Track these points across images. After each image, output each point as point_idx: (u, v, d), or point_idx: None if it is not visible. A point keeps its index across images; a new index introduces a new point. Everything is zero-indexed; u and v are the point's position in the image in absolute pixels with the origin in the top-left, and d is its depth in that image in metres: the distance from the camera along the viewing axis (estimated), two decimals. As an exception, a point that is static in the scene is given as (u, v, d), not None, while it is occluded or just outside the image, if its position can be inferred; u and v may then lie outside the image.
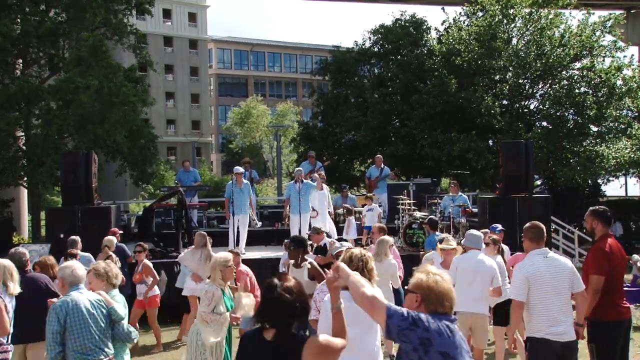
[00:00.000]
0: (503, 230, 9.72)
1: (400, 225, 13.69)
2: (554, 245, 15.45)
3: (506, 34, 22.74)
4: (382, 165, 16.34)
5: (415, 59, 24.89)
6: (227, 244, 12.16)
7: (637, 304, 10.82)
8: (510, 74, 22.39)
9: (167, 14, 55.90)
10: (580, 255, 17.35)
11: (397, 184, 18.05)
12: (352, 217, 13.59)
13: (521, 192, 12.92)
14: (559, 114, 21.92)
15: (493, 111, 21.10)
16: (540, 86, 23.24)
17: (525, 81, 22.96)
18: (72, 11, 20.29)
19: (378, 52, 27.00)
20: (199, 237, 9.57)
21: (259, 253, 12.93)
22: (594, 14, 23.34)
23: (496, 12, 22.32)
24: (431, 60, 23.30)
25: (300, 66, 69.02)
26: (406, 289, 3.31)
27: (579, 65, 22.47)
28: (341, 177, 24.79)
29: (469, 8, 24.20)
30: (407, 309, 3.18)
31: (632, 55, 23.91)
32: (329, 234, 11.28)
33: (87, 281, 5.16)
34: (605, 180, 24.44)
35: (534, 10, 22.58)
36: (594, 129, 21.90)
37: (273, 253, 12.48)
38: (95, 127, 18.56)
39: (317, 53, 58.08)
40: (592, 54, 22.10)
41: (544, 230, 5.55)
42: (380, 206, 14.31)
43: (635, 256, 13.08)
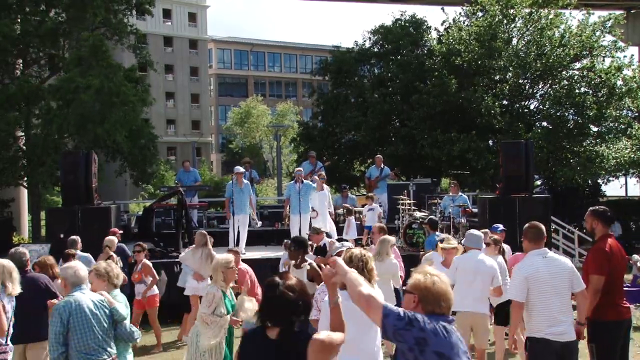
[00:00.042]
0: (504, 230, 9.75)
1: (400, 225, 13.70)
2: (554, 245, 15.44)
3: (506, 34, 22.73)
4: (382, 165, 16.34)
5: (415, 59, 24.89)
6: (227, 243, 12.16)
7: (637, 304, 10.81)
8: (510, 74, 22.38)
9: (167, 14, 55.90)
10: (580, 255, 17.34)
11: (397, 184, 18.05)
12: (352, 217, 13.60)
13: (521, 192, 12.92)
14: (559, 114, 21.91)
15: (493, 111, 21.09)
16: (540, 86, 23.23)
17: (525, 81, 22.95)
18: (72, 11, 20.30)
19: (378, 52, 27.01)
20: (200, 236, 9.61)
21: (259, 253, 12.94)
22: (593, 14, 23.36)
23: (496, 12, 22.32)
24: (431, 60, 23.30)
25: (300, 66, 69.02)
26: (404, 289, 3.32)
27: (579, 65, 22.47)
28: (341, 177, 24.78)
29: (468, 8, 24.20)
30: (405, 309, 3.19)
31: (632, 55, 23.91)
32: (329, 234, 11.28)
33: (89, 281, 5.17)
34: (605, 180, 24.42)
35: (534, 11, 22.57)
36: (594, 129, 21.89)
37: (273, 253, 12.50)
38: (96, 127, 18.57)
39: (317, 53, 58.10)
40: (592, 54, 22.09)
41: (543, 231, 5.54)
42: (380, 206, 14.31)
43: (635, 256, 13.08)
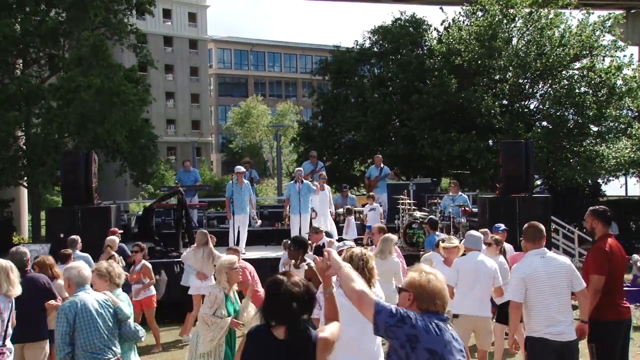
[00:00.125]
0: (506, 229, 9.71)
1: (400, 225, 13.70)
2: (554, 245, 15.43)
3: (506, 34, 22.72)
4: (382, 165, 16.33)
5: (415, 58, 24.89)
6: (227, 243, 12.15)
7: (637, 304, 10.82)
8: (510, 73, 22.38)
9: (167, 14, 55.88)
10: (580, 255, 17.33)
11: (397, 184, 18.05)
12: (352, 217, 13.60)
13: (521, 192, 12.91)
14: (559, 114, 21.90)
15: (493, 111, 21.09)
16: (540, 86, 23.23)
17: (525, 81, 22.95)
18: (73, 10, 20.29)
19: (378, 52, 27.01)
20: (201, 235, 9.65)
21: (259, 253, 12.93)
22: (593, 14, 23.35)
23: (496, 12, 22.32)
24: (431, 60, 23.30)
25: (300, 66, 69.02)
26: (400, 287, 3.32)
27: (579, 65, 22.47)
28: (341, 177, 24.79)
29: (468, 8, 24.19)
30: (400, 307, 3.20)
31: (631, 54, 23.89)
32: (330, 233, 11.28)
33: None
34: (605, 180, 24.42)
35: (534, 10, 22.57)
36: (594, 128, 21.87)
37: (273, 253, 12.49)
38: (96, 127, 18.58)
39: (317, 53, 58.08)
40: (592, 53, 22.09)
41: (542, 231, 5.54)
42: (380, 206, 14.32)
43: (635, 256, 13.08)
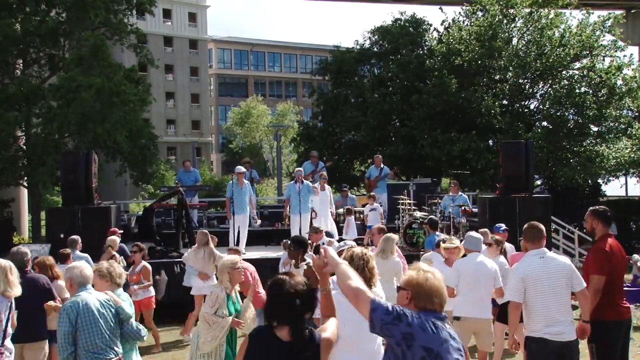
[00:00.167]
0: (507, 230, 9.67)
1: (400, 225, 13.70)
2: (554, 245, 15.43)
3: (506, 34, 22.73)
4: (382, 165, 16.33)
5: (415, 58, 24.90)
6: (227, 243, 12.15)
7: (637, 304, 10.82)
8: (510, 73, 22.38)
9: (167, 14, 55.87)
10: (581, 255, 17.33)
11: (397, 184, 18.05)
12: (352, 217, 13.60)
13: (521, 192, 12.91)
14: (559, 114, 21.91)
15: (493, 111, 21.09)
16: (540, 86, 23.23)
17: (525, 81, 22.95)
18: (73, 10, 20.29)
19: (378, 52, 27.02)
20: (201, 235, 9.68)
21: (258, 253, 12.93)
22: (593, 14, 23.35)
23: (496, 12, 22.32)
24: (431, 60, 23.30)
25: (300, 66, 69.03)
26: (398, 286, 3.32)
27: (579, 65, 22.47)
28: (341, 177, 24.79)
29: (468, 8, 24.20)
30: (399, 305, 3.19)
31: (631, 54, 23.89)
32: (331, 233, 11.28)
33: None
34: (605, 180, 24.42)
35: (534, 10, 22.57)
36: (594, 129, 21.88)
37: (273, 253, 12.49)
38: (96, 127, 18.58)
39: (317, 53, 58.08)
40: (592, 53, 22.09)
41: (542, 231, 5.53)
42: (380, 206, 14.32)
43: (635, 256, 13.08)
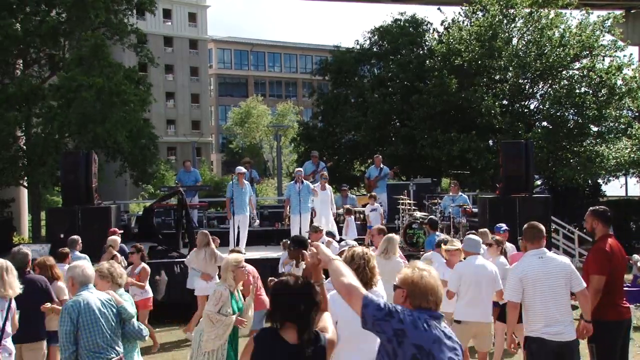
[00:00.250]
0: (507, 230, 9.65)
1: (400, 225, 13.70)
2: (554, 245, 15.42)
3: (506, 34, 22.73)
4: (382, 165, 16.33)
5: (415, 59, 24.90)
6: (227, 243, 12.16)
7: (637, 304, 10.82)
8: (510, 74, 22.38)
9: (167, 14, 55.87)
10: (581, 255, 17.33)
11: (397, 184, 18.05)
12: (352, 217, 13.59)
13: (521, 192, 12.92)
14: (559, 114, 21.91)
15: (493, 111, 21.08)
16: (540, 86, 23.23)
17: (525, 81, 22.95)
18: (74, 11, 20.30)
19: (378, 52, 27.02)
20: (202, 236, 9.70)
21: (258, 253, 12.93)
22: (592, 14, 23.34)
23: (496, 12, 22.32)
24: (431, 60, 23.31)
25: (300, 66, 69.03)
26: (394, 284, 3.32)
27: (578, 65, 22.47)
28: (341, 177, 24.78)
29: (468, 8, 24.20)
30: (395, 303, 3.19)
31: (631, 54, 23.88)
32: (332, 233, 11.30)
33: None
34: (605, 181, 24.42)
35: (534, 11, 22.57)
36: (594, 129, 21.88)
37: (273, 253, 12.50)
38: (96, 127, 18.58)
39: (317, 53, 58.09)
40: (592, 54, 22.09)
41: (541, 231, 5.53)
42: (381, 206, 14.32)
43: (635, 256, 13.09)
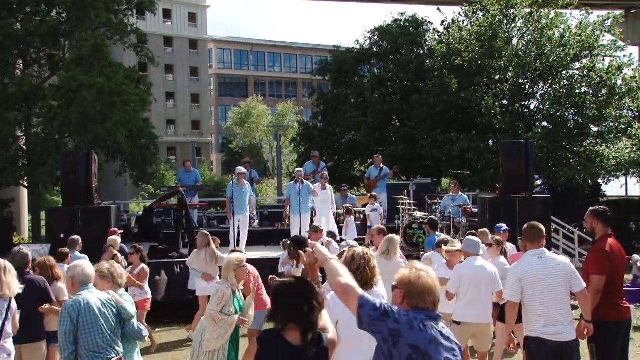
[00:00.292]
0: (508, 230, 9.62)
1: (400, 225, 13.70)
2: (554, 245, 15.41)
3: (506, 34, 22.73)
4: (381, 165, 16.33)
5: (415, 59, 24.90)
6: (227, 244, 12.16)
7: (637, 304, 10.82)
8: (510, 74, 22.38)
9: (167, 14, 55.84)
10: (581, 255, 17.31)
11: (397, 184, 18.05)
12: (352, 217, 13.58)
13: (521, 192, 12.92)
14: (559, 114, 21.91)
15: (493, 111, 21.09)
16: (540, 86, 23.23)
17: (525, 81, 22.95)
18: (74, 10, 20.29)
19: (378, 52, 27.02)
20: (202, 237, 9.70)
21: (258, 253, 12.93)
22: (592, 14, 23.35)
23: (496, 12, 22.32)
24: (431, 60, 23.30)
25: (300, 66, 69.02)
26: (392, 285, 3.32)
27: (579, 65, 22.47)
28: (341, 177, 24.78)
29: (468, 8, 24.20)
30: (393, 304, 3.19)
31: (631, 54, 23.89)
32: (334, 233, 11.29)
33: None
34: (605, 181, 24.43)
35: (534, 11, 22.57)
36: (594, 129, 21.89)
37: (273, 253, 12.50)
38: (97, 127, 18.58)
39: (317, 53, 58.10)
40: (592, 54, 22.09)
41: (541, 231, 5.53)
42: (381, 206, 14.32)
43: (635, 256, 13.09)
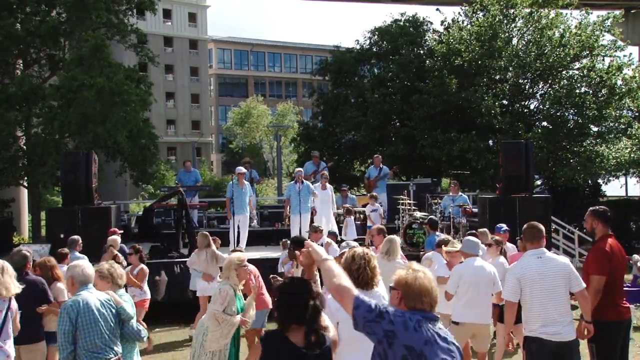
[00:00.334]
0: (508, 230, 9.60)
1: (400, 225, 13.69)
2: (554, 245, 15.42)
3: (506, 34, 22.73)
4: (381, 165, 16.32)
5: (415, 59, 24.90)
6: (227, 244, 12.15)
7: (637, 304, 10.82)
8: (510, 74, 22.38)
9: (167, 14, 55.83)
10: (581, 255, 17.32)
11: (397, 184, 18.04)
12: (351, 218, 13.58)
13: (521, 192, 12.91)
14: (559, 114, 21.91)
15: (493, 111, 21.08)
16: (540, 86, 23.24)
17: (525, 81, 22.95)
18: (74, 10, 20.28)
19: (378, 52, 27.02)
20: (202, 237, 9.71)
21: (258, 253, 12.92)
22: (592, 14, 23.34)
23: (496, 12, 22.32)
24: (431, 60, 23.30)
25: (300, 66, 69.01)
26: (390, 286, 3.31)
27: (578, 65, 22.47)
28: (341, 177, 24.78)
29: (467, 8, 24.20)
30: (391, 305, 3.19)
31: (631, 54, 23.88)
32: (335, 233, 11.28)
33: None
34: (605, 180, 24.43)
35: (534, 11, 22.57)
36: (594, 129, 21.89)
37: (273, 253, 12.48)
38: (97, 127, 18.57)
39: (317, 53, 58.11)
40: (592, 54, 22.09)
41: (541, 231, 5.53)
42: (381, 206, 14.32)
43: (635, 256, 13.09)
